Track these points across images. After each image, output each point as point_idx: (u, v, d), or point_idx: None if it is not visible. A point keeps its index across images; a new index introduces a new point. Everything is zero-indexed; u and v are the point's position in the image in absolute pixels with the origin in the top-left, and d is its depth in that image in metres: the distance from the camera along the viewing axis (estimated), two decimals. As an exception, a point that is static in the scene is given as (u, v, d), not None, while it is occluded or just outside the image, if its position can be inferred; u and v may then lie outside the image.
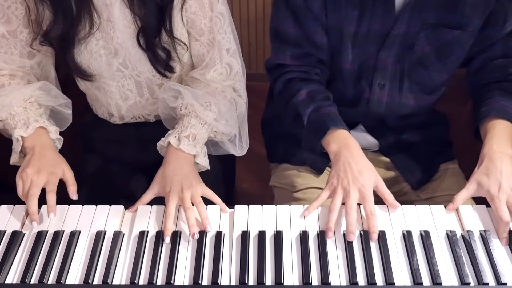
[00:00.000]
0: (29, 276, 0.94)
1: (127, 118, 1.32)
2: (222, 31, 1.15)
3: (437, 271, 0.93)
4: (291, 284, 0.92)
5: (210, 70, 1.17)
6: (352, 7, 1.10)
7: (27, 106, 1.12)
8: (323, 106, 1.14)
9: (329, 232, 0.99)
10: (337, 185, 1.03)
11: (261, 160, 1.45)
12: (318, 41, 1.17)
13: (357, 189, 1.01)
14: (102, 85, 1.23)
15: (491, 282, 0.92)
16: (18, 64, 1.17)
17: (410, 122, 1.27)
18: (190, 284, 0.93)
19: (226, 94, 1.18)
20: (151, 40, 1.12)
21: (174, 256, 0.96)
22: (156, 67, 1.16)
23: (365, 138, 1.29)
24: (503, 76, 1.15)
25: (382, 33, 1.12)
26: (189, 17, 1.13)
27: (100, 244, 0.99)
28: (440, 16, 1.09)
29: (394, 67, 1.17)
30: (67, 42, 1.13)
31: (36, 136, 1.10)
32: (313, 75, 1.20)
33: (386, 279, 0.92)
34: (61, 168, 1.08)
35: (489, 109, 1.11)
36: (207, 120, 1.12)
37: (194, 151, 1.10)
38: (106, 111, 1.31)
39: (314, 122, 1.13)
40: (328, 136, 1.10)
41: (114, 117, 1.32)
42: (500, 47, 1.14)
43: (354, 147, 1.08)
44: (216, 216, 1.05)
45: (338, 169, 1.05)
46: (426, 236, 0.99)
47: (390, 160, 1.29)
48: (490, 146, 1.06)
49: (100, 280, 0.94)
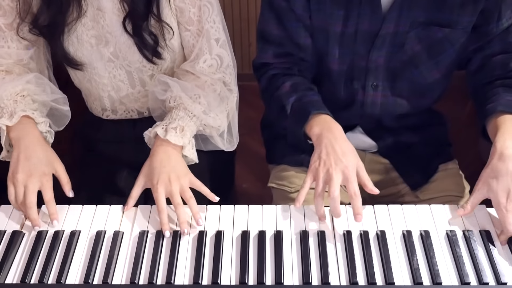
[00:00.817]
0: (29, 276, 0.94)
1: (120, 111, 1.31)
2: (211, 19, 1.14)
3: (437, 270, 0.93)
4: (291, 284, 0.92)
5: (199, 60, 1.16)
6: (337, 6, 1.10)
7: (18, 99, 1.11)
8: (306, 95, 1.14)
9: (322, 218, 1.00)
10: (319, 168, 1.02)
11: (261, 160, 1.45)
12: (301, 43, 1.18)
13: (341, 170, 1.01)
14: (94, 76, 1.23)
15: (491, 282, 0.92)
16: (16, 57, 1.17)
17: (408, 123, 1.27)
18: (190, 284, 0.93)
19: (216, 88, 1.18)
20: (138, 24, 1.11)
21: (174, 256, 0.96)
22: (143, 53, 1.16)
23: (363, 140, 1.29)
24: (505, 72, 1.14)
25: (371, 33, 1.12)
26: (178, 5, 1.13)
27: (100, 244, 0.99)
28: (429, 14, 1.09)
29: (385, 67, 1.16)
30: (55, 29, 1.12)
31: (22, 126, 1.07)
32: (296, 71, 1.20)
33: (386, 279, 0.92)
34: (52, 165, 1.06)
35: (496, 105, 1.09)
36: (195, 113, 1.12)
37: (181, 142, 1.08)
38: (99, 105, 1.31)
39: (297, 110, 1.13)
40: (311, 121, 1.10)
41: (107, 111, 1.31)
42: (498, 43, 1.14)
43: (336, 130, 1.07)
44: (216, 216, 1.05)
45: (320, 152, 1.04)
46: (426, 236, 0.99)
47: (389, 161, 1.29)
48: (503, 142, 1.01)
49: (100, 280, 0.94)
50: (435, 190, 1.25)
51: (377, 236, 0.99)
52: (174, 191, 1.02)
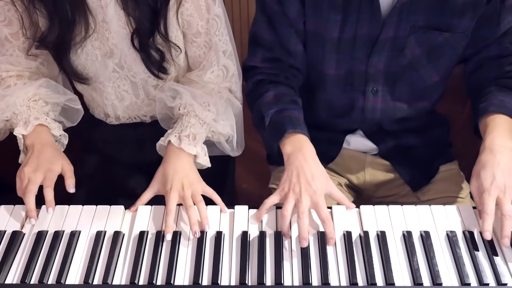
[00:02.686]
0: (29, 276, 0.94)
1: (123, 119, 1.32)
2: (219, 33, 1.14)
3: (437, 271, 0.93)
4: (291, 284, 0.92)
5: (207, 72, 1.17)
6: (335, 12, 1.09)
7: (31, 104, 1.13)
8: (287, 109, 1.13)
9: (286, 236, 0.99)
10: (288, 191, 1.01)
11: (261, 160, 1.45)
12: (291, 48, 1.16)
13: (309, 196, 1.00)
14: (99, 85, 1.23)
15: (491, 282, 0.92)
16: (25, 65, 1.18)
17: (408, 125, 1.27)
18: (190, 284, 0.93)
19: (223, 95, 1.19)
20: (145, 41, 1.12)
21: (174, 256, 0.96)
22: (149, 68, 1.16)
23: (364, 143, 1.29)
24: (500, 74, 1.15)
25: (371, 37, 1.11)
26: (186, 19, 1.13)
27: (100, 244, 0.99)
28: (429, 18, 1.08)
29: (385, 71, 1.16)
30: (63, 46, 1.13)
31: (36, 134, 1.10)
32: (283, 78, 1.19)
33: (386, 280, 0.92)
34: (59, 163, 1.08)
35: (488, 105, 1.10)
36: (206, 120, 1.13)
37: (195, 151, 1.10)
38: (102, 112, 1.32)
39: (275, 123, 1.12)
40: (285, 138, 1.08)
41: (110, 117, 1.32)
42: (495, 47, 1.14)
43: (308, 151, 1.06)
44: (216, 216, 1.05)
45: (291, 174, 1.03)
46: (426, 236, 0.99)
47: (390, 163, 1.29)
48: (491, 139, 1.05)
49: (100, 280, 0.94)
50: (436, 191, 1.25)
51: (377, 236, 0.99)
52: (186, 195, 1.03)
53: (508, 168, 1.00)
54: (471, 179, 1.04)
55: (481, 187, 1.00)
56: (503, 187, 0.98)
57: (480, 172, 1.01)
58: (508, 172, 1.00)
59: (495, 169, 1.00)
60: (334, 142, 1.29)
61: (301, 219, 0.97)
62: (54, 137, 1.15)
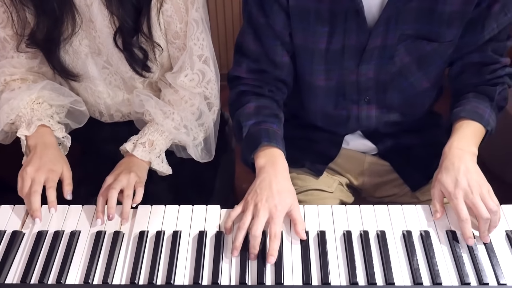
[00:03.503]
0: (29, 276, 0.94)
1: (117, 117, 1.32)
2: (195, 37, 1.14)
3: (437, 271, 0.93)
4: (291, 284, 0.92)
5: (181, 74, 1.16)
6: (321, 24, 1.08)
7: (35, 107, 1.14)
8: (266, 122, 1.12)
9: (235, 251, 0.96)
10: (250, 200, 1.00)
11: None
12: (277, 60, 1.15)
13: (268, 209, 0.98)
14: (89, 85, 1.24)
15: (491, 282, 0.92)
16: (27, 65, 1.19)
17: (407, 127, 1.27)
18: (190, 284, 0.93)
19: (194, 102, 1.18)
20: (128, 40, 1.12)
21: (174, 256, 0.96)
22: (133, 67, 1.17)
23: (363, 143, 1.29)
24: (481, 81, 1.16)
25: (359, 47, 1.10)
26: (166, 20, 1.13)
27: (100, 244, 0.99)
28: (417, 28, 1.08)
29: (376, 79, 1.15)
30: (51, 43, 1.13)
31: (39, 135, 1.11)
32: (266, 91, 1.18)
33: (386, 279, 0.92)
34: (60, 165, 1.09)
35: (460, 110, 1.12)
36: (165, 128, 1.14)
37: (148, 157, 1.12)
38: (97, 111, 1.32)
39: (251, 135, 1.11)
40: (260, 151, 1.07)
41: (104, 116, 1.32)
42: (478, 55, 1.14)
43: (280, 167, 1.05)
44: (216, 216, 1.05)
45: (257, 186, 1.02)
46: (426, 236, 0.99)
47: (389, 163, 1.29)
48: (450, 144, 1.07)
49: (100, 280, 0.94)
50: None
51: (377, 236, 0.99)
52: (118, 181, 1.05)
53: (469, 170, 1.01)
54: (433, 183, 1.05)
55: (446, 192, 1.01)
56: (467, 187, 0.99)
57: (442, 177, 1.02)
58: (469, 173, 1.01)
59: (456, 173, 1.01)
60: (333, 142, 1.29)
61: (253, 237, 0.95)
62: (57, 139, 1.15)
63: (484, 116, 1.11)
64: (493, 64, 1.15)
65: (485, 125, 1.10)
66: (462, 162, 1.02)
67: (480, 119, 1.10)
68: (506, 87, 1.18)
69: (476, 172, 1.02)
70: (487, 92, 1.15)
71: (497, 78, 1.15)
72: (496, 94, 1.14)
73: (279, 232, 0.97)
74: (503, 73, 1.16)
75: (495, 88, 1.15)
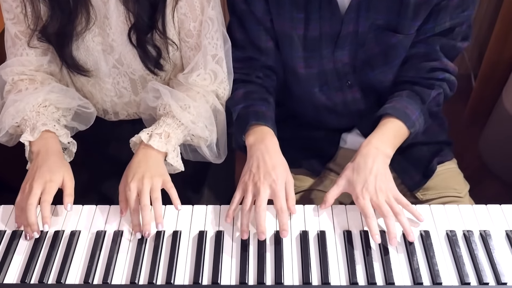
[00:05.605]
0: (29, 276, 0.94)
1: (122, 115, 1.32)
2: (209, 36, 1.14)
3: (437, 271, 0.93)
4: (291, 284, 0.93)
5: (193, 74, 1.16)
6: (297, 10, 1.10)
7: (41, 110, 1.12)
8: (254, 105, 1.15)
9: (244, 234, 0.98)
10: (248, 181, 1.02)
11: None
12: (262, 46, 1.18)
13: (268, 185, 1.00)
14: (98, 81, 1.24)
15: (491, 282, 0.92)
16: (36, 64, 1.18)
17: None
18: (190, 284, 0.93)
19: (208, 99, 1.18)
20: (142, 37, 1.12)
21: (174, 256, 0.96)
22: (146, 64, 1.17)
23: (361, 142, 1.28)
24: (416, 77, 1.16)
25: (333, 35, 1.12)
26: (180, 18, 1.13)
27: (100, 244, 0.99)
28: (388, 18, 1.09)
29: (351, 64, 1.17)
30: (64, 37, 1.13)
31: (43, 141, 1.08)
32: (254, 77, 1.20)
33: (386, 279, 0.92)
34: (60, 175, 1.04)
35: (389, 107, 1.12)
36: (183, 121, 1.11)
37: (165, 148, 1.08)
38: (101, 108, 1.32)
39: (240, 118, 1.14)
40: (249, 131, 1.11)
41: (109, 114, 1.32)
42: (424, 46, 1.14)
43: (270, 142, 1.07)
44: (216, 216, 1.05)
45: (251, 165, 1.04)
46: (426, 236, 0.99)
47: None
48: (368, 141, 1.07)
49: (100, 280, 0.94)
50: (435, 190, 1.25)
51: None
52: (145, 189, 1.01)
53: (379, 172, 1.02)
54: (341, 176, 1.05)
55: (353, 191, 1.02)
56: (373, 190, 1.00)
57: (353, 177, 1.03)
58: (379, 175, 1.02)
59: (367, 173, 1.02)
60: (330, 141, 1.30)
61: (258, 213, 0.97)
62: (63, 144, 1.13)
63: (411, 117, 1.11)
64: (435, 61, 1.14)
65: (409, 127, 1.11)
66: (375, 163, 1.03)
67: (406, 119, 1.10)
68: (442, 93, 1.17)
69: (385, 175, 1.03)
70: (421, 93, 1.15)
71: (434, 80, 1.15)
72: (429, 98, 1.15)
73: (285, 205, 0.99)
74: (441, 76, 1.15)
75: (430, 91, 1.15)
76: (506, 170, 1.90)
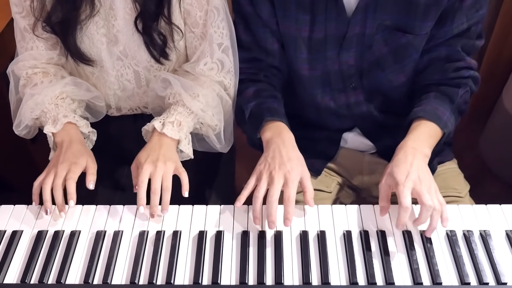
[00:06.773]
0: (29, 276, 0.94)
1: (125, 110, 1.33)
2: (215, 25, 1.15)
3: (437, 270, 0.93)
4: (291, 284, 0.93)
5: (200, 63, 1.18)
6: (303, 11, 1.10)
7: (59, 102, 1.15)
8: (266, 102, 1.16)
9: (256, 220, 0.99)
10: (263, 170, 1.03)
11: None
12: (269, 48, 1.19)
13: (283, 174, 1.01)
14: (102, 74, 1.24)
15: (491, 282, 0.92)
16: (47, 57, 1.20)
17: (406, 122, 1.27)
18: (190, 284, 0.93)
19: (215, 88, 1.19)
20: (149, 25, 1.13)
21: (174, 256, 0.96)
22: (151, 53, 1.17)
23: (361, 141, 1.29)
24: (443, 79, 1.15)
25: (339, 36, 1.12)
26: (186, 7, 1.14)
27: (100, 244, 0.99)
28: (396, 18, 1.08)
29: (356, 66, 1.17)
30: (68, 26, 1.14)
31: (65, 132, 1.13)
32: (262, 77, 1.21)
33: (386, 279, 0.92)
34: (84, 159, 1.09)
35: (420, 110, 1.12)
36: (193, 109, 1.13)
37: (178, 136, 1.10)
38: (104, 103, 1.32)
39: (254, 115, 1.15)
40: (265, 126, 1.11)
41: (111, 108, 1.33)
42: (445, 49, 1.14)
43: (287, 137, 1.09)
44: (216, 216, 1.05)
45: (268, 155, 1.05)
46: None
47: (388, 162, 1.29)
48: (404, 142, 1.07)
49: (100, 280, 0.94)
50: (435, 190, 1.24)
51: (377, 235, 0.99)
52: (157, 173, 1.03)
53: (420, 167, 1.01)
54: (383, 176, 1.04)
55: (394, 182, 1.00)
56: (417, 179, 0.99)
57: (393, 169, 1.02)
58: (421, 169, 1.01)
59: (408, 166, 1.01)
60: (331, 141, 1.30)
61: (270, 202, 0.98)
62: (83, 134, 1.17)
63: (442, 118, 1.11)
64: (459, 61, 1.14)
65: (442, 127, 1.10)
66: (415, 158, 1.02)
67: (438, 121, 1.10)
68: (468, 90, 1.17)
69: (427, 171, 1.02)
70: (449, 93, 1.14)
71: (460, 79, 1.15)
72: (457, 97, 1.14)
73: (293, 196, 0.99)
74: (467, 74, 1.15)
75: (457, 90, 1.14)
76: (506, 170, 1.90)
